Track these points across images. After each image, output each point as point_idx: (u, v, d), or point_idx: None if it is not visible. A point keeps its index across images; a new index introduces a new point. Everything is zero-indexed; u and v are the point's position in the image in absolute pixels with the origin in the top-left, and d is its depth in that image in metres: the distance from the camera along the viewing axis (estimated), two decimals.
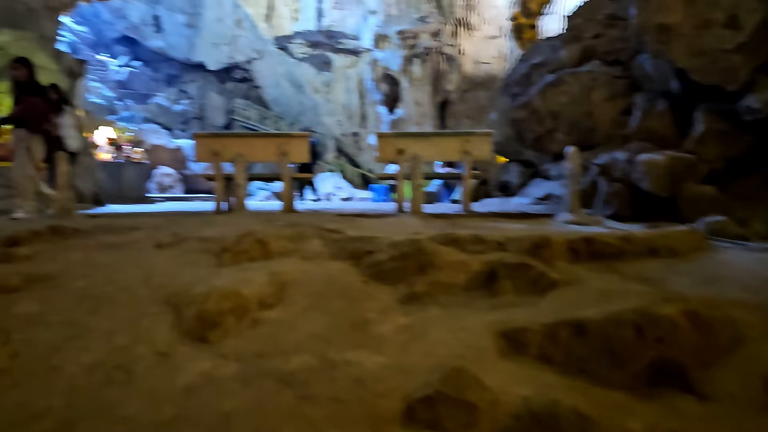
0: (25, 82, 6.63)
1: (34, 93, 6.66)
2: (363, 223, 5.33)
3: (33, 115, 6.53)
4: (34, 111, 6.54)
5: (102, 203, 12.53)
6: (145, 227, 4.81)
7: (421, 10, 21.72)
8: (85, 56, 30.53)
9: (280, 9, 24.05)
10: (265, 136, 6.09)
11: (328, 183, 23.08)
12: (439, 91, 22.11)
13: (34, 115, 6.53)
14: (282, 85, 29.89)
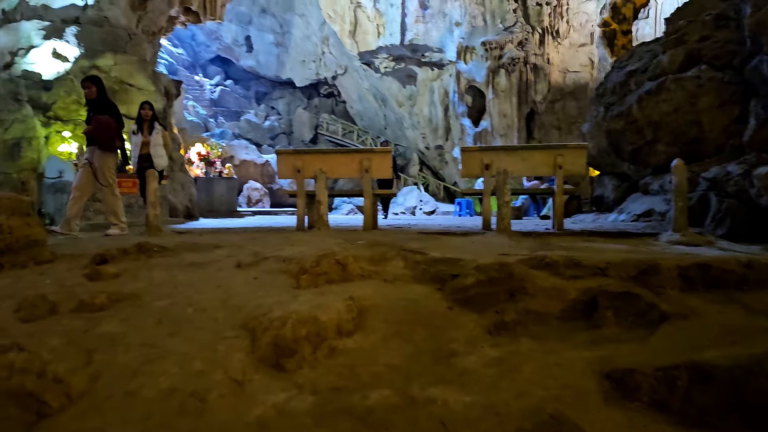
0: (95, 101, 6.65)
1: (104, 111, 6.67)
2: (447, 242, 5.09)
3: (104, 132, 6.54)
4: (105, 129, 6.54)
5: (194, 217, 12.98)
6: (227, 245, 4.81)
7: (506, 20, 21.28)
8: (183, 77, 32.22)
9: (365, 25, 24.34)
10: (347, 152, 5.99)
11: (412, 196, 22.95)
12: (526, 102, 21.51)
13: (104, 133, 6.54)
14: (366, 99, 30.21)
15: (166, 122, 13.42)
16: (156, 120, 8.32)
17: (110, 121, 6.61)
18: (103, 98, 6.74)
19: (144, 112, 8.23)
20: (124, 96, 11.97)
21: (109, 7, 12.36)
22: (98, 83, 6.71)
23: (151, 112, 8.22)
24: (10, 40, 11.75)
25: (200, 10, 14.88)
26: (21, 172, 10.55)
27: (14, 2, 11.86)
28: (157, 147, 8.10)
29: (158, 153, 8.12)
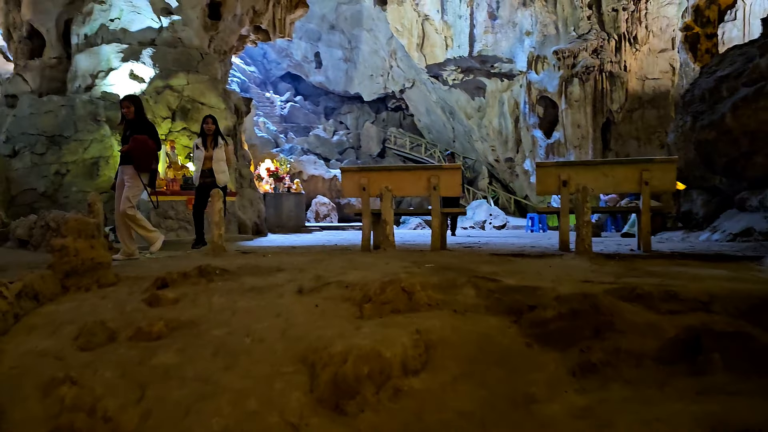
0: (133, 121, 6.44)
1: (142, 131, 6.43)
2: (522, 265, 4.74)
3: (141, 152, 6.33)
4: (143, 149, 6.34)
5: (263, 233, 13.07)
6: (289, 268, 4.65)
7: (580, 28, 20.55)
8: (254, 94, 33.10)
9: (433, 37, 24.16)
10: (414, 169, 5.73)
11: (481, 210, 22.44)
12: (601, 112, 20.64)
13: (142, 152, 6.34)
14: (434, 112, 29.99)
15: (237, 139, 13.64)
16: (219, 134, 8.11)
17: (148, 141, 6.42)
18: (141, 118, 6.55)
19: (207, 126, 7.98)
20: (196, 114, 12.25)
21: (183, 29, 12.71)
22: (137, 102, 6.55)
23: (214, 126, 8.00)
24: (92, 63, 12.27)
25: (270, 29, 15.11)
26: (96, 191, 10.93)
27: (95, 27, 12.40)
28: (220, 162, 7.88)
29: (220, 168, 7.92)
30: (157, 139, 6.61)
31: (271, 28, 15.10)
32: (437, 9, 23.25)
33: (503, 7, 22.12)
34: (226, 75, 15.30)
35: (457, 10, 22.89)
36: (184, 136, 12.02)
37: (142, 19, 12.59)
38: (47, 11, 13.06)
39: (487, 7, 22.34)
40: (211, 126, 7.92)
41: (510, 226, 21.79)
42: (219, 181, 7.83)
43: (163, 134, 11.85)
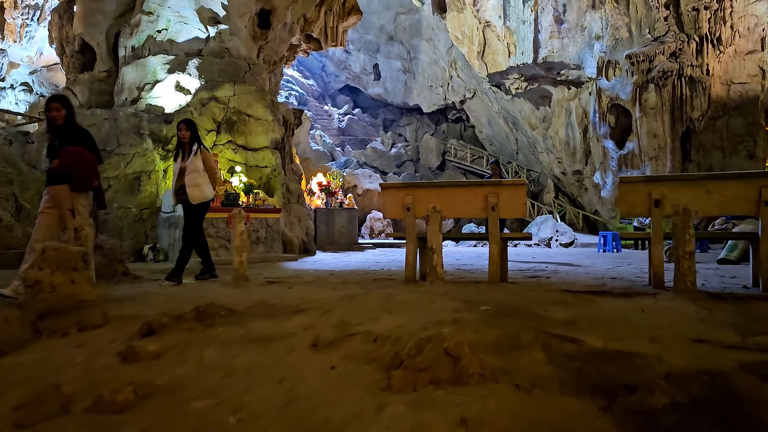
0: (63, 127, 4.98)
1: (75, 140, 4.96)
2: (605, 308, 3.68)
3: (77, 168, 4.91)
4: (79, 163, 4.92)
5: (311, 252, 12.33)
6: (312, 308, 3.77)
7: (656, 29, 18.98)
8: (312, 107, 32.83)
9: (494, 44, 23.05)
10: (469, 185, 4.77)
11: (547, 227, 21.04)
12: (681, 120, 18.94)
13: (78, 168, 4.92)
14: (496, 123, 28.78)
15: (285, 152, 13.02)
16: (197, 141, 6.24)
17: (85, 152, 4.97)
18: (71, 124, 5.07)
19: (181, 134, 6.23)
20: (242, 127, 11.69)
21: (230, 38, 12.22)
22: (68, 105, 5.10)
23: (189, 132, 6.19)
24: (138, 76, 11.94)
25: (321, 37, 14.49)
26: (140, 207, 10.47)
27: (143, 38, 12.08)
28: (194, 174, 6.03)
29: (193, 181, 6.02)
30: (95, 149, 5.16)
31: (322, 37, 14.48)
32: (499, 15, 22.15)
33: (570, 10, 20.79)
34: (277, 86, 14.78)
35: (520, 15, 21.72)
36: (228, 149, 11.46)
37: (189, 30, 12.19)
38: (98, 24, 12.88)
39: (553, 11, 21.06)
40: (185, 133, 6.18)
41: (578, 244, 20.29)
42: (191, 197, 6.02)
43: (208, 147, 11.30)
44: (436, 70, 30.73)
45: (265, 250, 10.19)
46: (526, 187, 4.67)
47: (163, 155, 10.77)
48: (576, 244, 20.35)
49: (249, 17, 12.69)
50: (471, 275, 5.98)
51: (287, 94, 31.23)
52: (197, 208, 6.11)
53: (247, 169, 11.71)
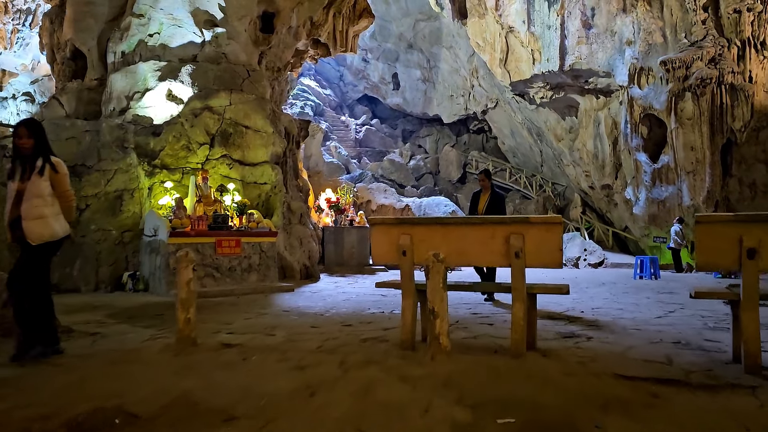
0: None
1: None
2: (684, 419, 2.44)
3: None
4: None
5: (314, 277, 11.17)
6: (246, 414, 2.57)
7: (693, 33, 17.57)
8: (329, 118, 31.82)
9: (518, 51, 21.77)
10: (484, 223, 3.53)
11: (574, 245, 19.62)
12: (721, 131, 17.44)
13: None
14: (519, 134, 27.43)
15: (288, 167, 11.91)
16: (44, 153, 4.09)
17: None
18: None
19: (20, 142, 4.08)
20: (238, 139, 10.62)
21: (228, 43, 11.19)
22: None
23: (32, 141, 4.06)
24: (128, 83, 10.96)
25: (329, 42, 13.42)
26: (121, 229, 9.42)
27: (133, 43, 11.12)
28: (34, 201, 3.99)
29: (34, 211, 3.98)
30: None
31: (331, 42, 13.41)
32: (523, 20, 20.87)
33: (599, 14, 19.45)
34: (282, 95, 13.72)
35: (545, 20, 20.42)
36: (223, 164, 10.39)
37: (184, 33, 11.20)
38: (89, 29, 11.96)
39: (581, 15, 19.73)
40: (26, 142, 4.06)
41: (608, 264, 18.83)
42: (30, 235, 3.95)
43: (200, 162, 10.27)
44: (457, 79, 29.52)
45: (258, 279, 9.05)
46: (562, 226, 3.44)
47: (149, 171, 9.73)
48: (606, 264, 18.90)
49: (250, 20, 11.66)
50: (488, 331, 4.74)
51: (303, 104, 30.28)
52: (38, 251, 3.99)
53: (243, 186, 10.63)
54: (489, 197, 7.60)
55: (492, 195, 7.66)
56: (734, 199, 18.00)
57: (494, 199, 7.60)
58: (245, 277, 8.99)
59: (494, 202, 7.53)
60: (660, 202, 18.76)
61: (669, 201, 18.54)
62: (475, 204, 7.69)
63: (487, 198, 7.60)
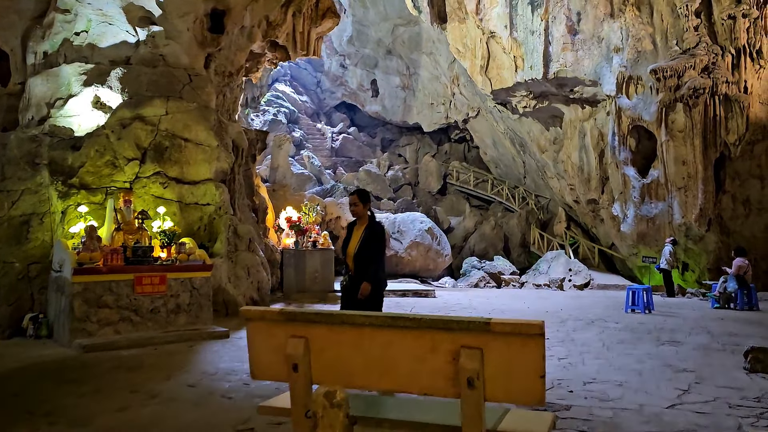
0: None
1: None
2: None
3: None
4: None
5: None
6: None
7: (685, 40, 16.47)
8: (304, 125, 30.43)
9: (500, 58, 20.55)
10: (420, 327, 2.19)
11: (558, 264, 18.39)
12: (714, 145, 16.33)
13: None
14: (502, 144, 26.24)
15: (236, 184, 10.53)
16: None
17: None
18: None
19: None
20: (176, 154, 9.22)
21: (167, 43, 9.80)
22: None
23: None
24: (49, 89, 9.52)
25: (288, 44, 12.06)
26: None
27: (57, 42, 9.69)
28: None
29: None
30: None
31: (290, 44, 12.06)
32: (505, 24, 19.64)
33: (586, 19, 18.28)
34: (236, 102, 12.33)
35: (528, 25, 19.21)
36: (155, 183, 8.97)
37: (116, 32, 9.80)
38: (12, 26, 10.47)
39: (566, 20, 18.54)
40: None
41: (595, 285, 17.62)
42: None
43: (127, 180, 8.84)
44: (438, 87, 28.30)
45: (187, 322, 7.64)
46: (543, 338, 2.12)
47: (63, 192, 8.27)
48: (592, 286, 17.69)
49: (195, 18, 10.27)
50: None
51: (276, 111, 28.86)
52: None
53: (181, 208, 9.21)
54: (365, 231, 5.06)
55: (369, 229, 5.08)
56: (727, 217, 16.91)
57: (371, 234, 5.05)
58: (172, 319, 7.57)
59: (370, 240, 5.03)
60: (649, 219, 17.61)
61: (659, 218, 17.39)
62: (347, 240, 5.19)
63: (362, 232, 5.07)
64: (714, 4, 16.40)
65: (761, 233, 16.68)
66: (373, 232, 5.09)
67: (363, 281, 4.97)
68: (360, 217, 5.14)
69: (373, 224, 5.13)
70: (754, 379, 5.17)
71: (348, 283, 5.16)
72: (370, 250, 5.04)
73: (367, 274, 5.00)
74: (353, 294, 5.03)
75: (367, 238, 5.04)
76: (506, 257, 21.71)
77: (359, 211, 5.11)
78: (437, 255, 18.42)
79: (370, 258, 5.03)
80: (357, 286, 5.00)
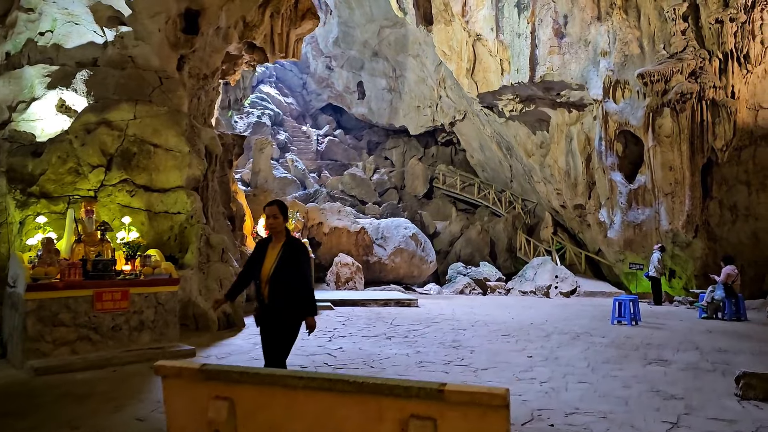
0: None
1: None
2: None
3: None
4: None
5: (237, 326, 9.37)
6: None
7: (672, 44, 16.26)
8: (289, 128, 29.98)
9: (486, 61, 20.27)
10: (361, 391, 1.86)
11: (545, 271, 18.13)
12: (701, 150, 16.13)
13: None
14: (488, 147, 25.95)
15: (209, 192, 10.12)
16: None
17: None
18: None
19: None
20: (144, 160, 8.81)
21: (136, 44, 9.38)
22: None
23: None
24: (11, 91, 9.09)
25: (266, 46, 11.66)
26: None
27: (20, 43, 9.25)
28: None
29: None
30: None
31: (268, 46, 11.66)
32: (491, 27, 19.35)
33: (572, 22, 18.04)
34: (211, 106, 11.92)
35: (515, 28, 18.92)
36: (122, 192, 8.56)
37: (83, 32, 9.38)
38: None
39: (553, 23, 18.29)
40: None
41: (581, 293, 17.37)
42: None
43: (92, 188, 8.42)
44: (424, 89, 27.98)
45: (152, 340, 7.23)
46: (508, 409, 1.75)
47: (22, 201, 7.85)
48: (579, 293, 17.44)
49: (167, 18, 9.85)
50: None
51: (260, 113, 28.38)
52: None
53: (150, 217, 8.81)
54: (283, 249, 4.33)
55: (288, 246, 4.35)
56: (714, 223, 16.71)
57: (292, 252, 4.33)
58: (135, 337, 7.15)
59: (292, 259, 4.30)
60: (636, 225, 17.38)
61: (646, 225, 17.16)
62: (259, 259, 4.39)
63: (279, 251, 4.32)
64: (701, 8, 16.23)
65: (748, 239, 16.50)
66: (294, 249, 4.36)
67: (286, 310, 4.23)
68: (277, 232, 4.41)
69: (292, 240, 4.43)
70: (746, 407, 4.86)
71: (261, 313, 4.37)
72: (295, 271, 4.30)
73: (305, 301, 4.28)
74: (271, 327, 4.30)
75: (287, 257, 4.28)
76: (492, 262, 21.43)
77: (278, 225, 4.36)
78: (422, 261, 18.07)
79: (297, 281, 4.28)
80: (273, 316, 4.27)
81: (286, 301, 4.24)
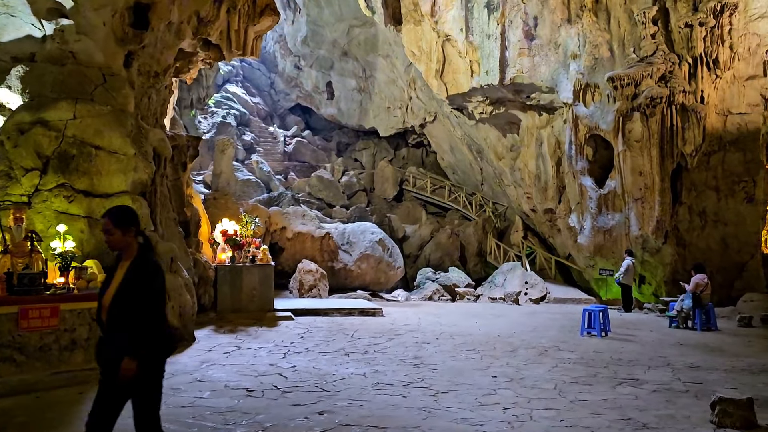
0: None
1: None
2: None
3: None
4: None
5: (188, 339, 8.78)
6: None
7: (642, 48, 16.11)
8: (255, 128, 29.27)
9: (455, 62, 19.92)
10: None
11: (514, 277, 17.84)
12: (671, 155, 16.02)
13: None
14: (459, 150, 25.67)
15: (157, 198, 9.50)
16: None
17: None
18: None
19: None
20: (85, 164, 8.16)
21: (78, 38, 8.71)
22: None
23: None
24: None
25: (222, 43, 11.08)
26: None
27: None
28: None
29: None
30: None
31: (224, 43, 11.08)
32: (461, 27, 18.99)
33: (543, 24, 17.78)
34: (164, 105, 11.28)
35: (485, 29, 18.60)
36: (58, 197, 7.91)
37: (20, 25, 8.67)
38: None
39: (523, 25, 18.02)
40: None
41: (551, 299, 17.11)
42: None
43: (25, 193, 7.76)
44: (394, 90, 27.56)
45: (85, 360, 6.61)
46: None
47: None
48: (549, 299, 17.17)
49: (114, 12, 9.19)
50: None
51: (225, 113, 27.64)
52: None
53: (91, 225, 8.15)
54: (127, 271, 3.50)
55: (133, 267, 3.49)
56: (684, 229, 16.60)
57: (135, 275, 3.45)
58: (65, 358, 6.54)
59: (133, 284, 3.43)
60: (606, 231, 17.20)
61: (616, 230, 16.99)
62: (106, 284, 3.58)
63: (124, 273, 3.50)
64: (671, 12, 16.14)
65: (716, 245, 16.44)
66: (138, 270, 3.45)
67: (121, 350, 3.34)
68: (123, 249, 3.54)
69: (141, 259, 3.50)
70: None
71: (100, 347, 3.59)
72: (135, 298, 3.39)
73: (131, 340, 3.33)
74: (109, 367, 3.43)
75: (129, 280, 3.43)
76: (462, 267, 21.11)
77: (117, 242, 3.50)
78: (389, 267, 17.61)
79: (135, 311, 3.37)
80: (112, 353, 3.39)
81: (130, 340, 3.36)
